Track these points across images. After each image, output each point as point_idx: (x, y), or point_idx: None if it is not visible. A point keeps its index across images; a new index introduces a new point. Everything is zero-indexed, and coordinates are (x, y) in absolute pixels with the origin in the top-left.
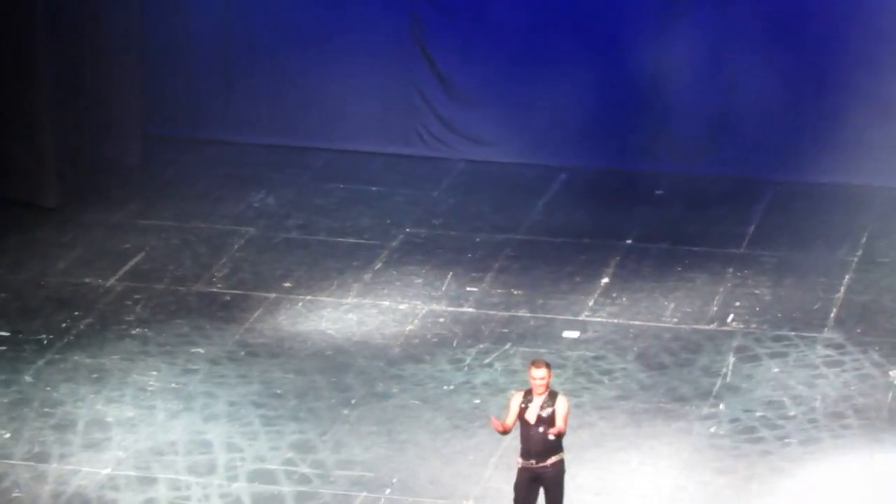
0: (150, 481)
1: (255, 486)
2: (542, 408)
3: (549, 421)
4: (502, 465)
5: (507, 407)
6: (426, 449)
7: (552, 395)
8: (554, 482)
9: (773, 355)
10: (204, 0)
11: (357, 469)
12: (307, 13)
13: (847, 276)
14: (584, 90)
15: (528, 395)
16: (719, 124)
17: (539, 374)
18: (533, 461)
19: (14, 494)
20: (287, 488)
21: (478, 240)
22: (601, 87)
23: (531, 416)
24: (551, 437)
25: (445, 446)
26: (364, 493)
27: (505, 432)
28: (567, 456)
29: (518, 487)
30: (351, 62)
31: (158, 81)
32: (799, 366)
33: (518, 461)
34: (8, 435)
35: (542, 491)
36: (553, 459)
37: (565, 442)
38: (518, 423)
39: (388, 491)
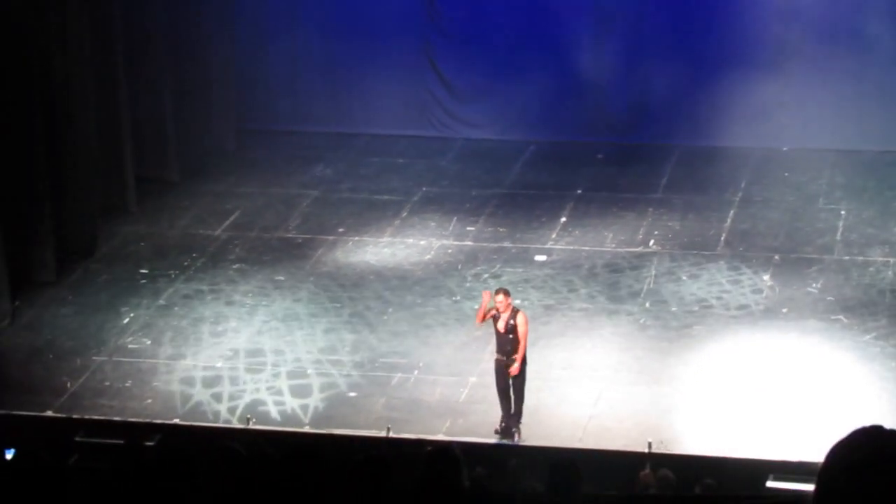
0: (252, 370)
1: (323, 370)
2: (506, 322)
3: (514, 329)
4: (493, 352)
5: (483, 305)
6: (442, 342)
7: (514, 311)
8: (517, 370)
9: (681, 268)
10: (280, 36)
11: (394, 357)
12: (353, 42)
13: (732, 211)
14: (544, 87)
15: (497, 311)
16: (639, 106)
17: (498, 298)
18: (504, 356)
19: (154, 384)
20: (346, 371)
21: (473, 194)
22: (556, 84)
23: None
24: (514, 367)
25: (456, 339)
26: (399, 374)
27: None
28: (540, 342)
29: (497, 373)
30: (383, 72)
31: (246, 92)
32: (700, 275)
33: (495, 356)
34: (149, 342)
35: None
36: (516, 355)
37: (539, 337)
38: (493, 328)
39: (416, 372)
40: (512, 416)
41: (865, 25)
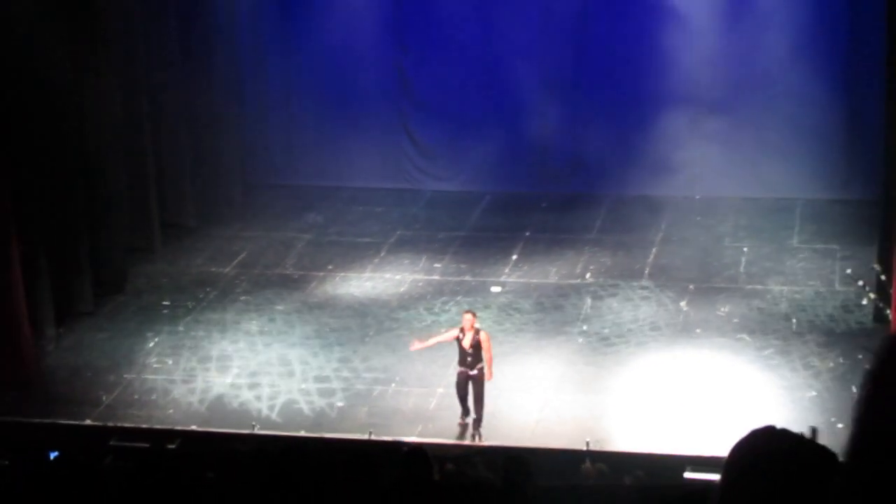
0: (256, 385)
1: (315, 384)
2: (472, 339)
3: (477, 345)
4: (455, 367)
5: (439, 333)
6: (415, 359)
7: (477, 330)
8: (479, 380)
9: (612, 296)
10: (279, 104)
11: (375, 373)
12: (339, 110)
13: (654, 249)
14: (498, 146)
15: (462, 331)
16: (577, 162)
17: (467, 318)
18: (467, 369)
19: (175, 396)
20: (335, 385)
21: (440, 236)
22: (508, 144)
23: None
24: (487, 374)
25: (426, 357)
26: (379, 387)
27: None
28: (496, 358)
29: (458, 384)
30: (365, 137)
31: (251, 152)
32: (628, 301)
33: (458, 368)
34: (171, 362)
35: (470, 386)
36: (478, 366)
37: (495, 354)
38: (456, 346)
39: (393, 385)
40: (474, 421)
41: (765, 92)
